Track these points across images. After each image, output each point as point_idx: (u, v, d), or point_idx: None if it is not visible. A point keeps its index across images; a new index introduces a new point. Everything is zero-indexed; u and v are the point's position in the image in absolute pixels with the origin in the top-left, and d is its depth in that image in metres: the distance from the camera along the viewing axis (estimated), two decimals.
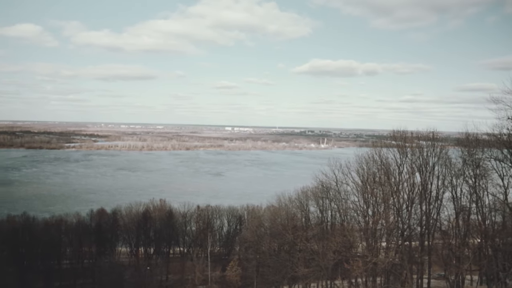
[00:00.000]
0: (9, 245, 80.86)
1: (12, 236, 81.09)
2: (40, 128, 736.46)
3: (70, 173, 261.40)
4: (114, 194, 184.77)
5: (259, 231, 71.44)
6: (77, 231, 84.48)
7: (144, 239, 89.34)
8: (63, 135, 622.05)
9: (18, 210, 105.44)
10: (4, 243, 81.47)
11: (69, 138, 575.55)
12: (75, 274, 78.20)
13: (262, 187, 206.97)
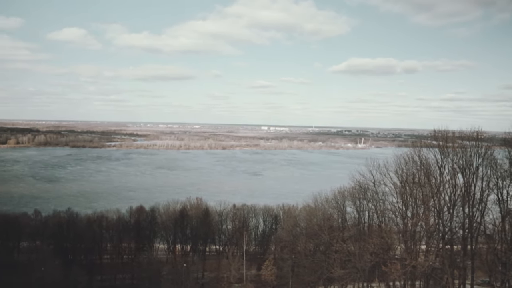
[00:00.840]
0: (55, 240, 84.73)
1: (57, 231, 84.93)
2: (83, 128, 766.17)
3: (111, 171, 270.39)
4: (153, 192, 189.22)
5: (295, 231, 71.02)
6: (117, 227, 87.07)
7: (181, 237, 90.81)
8: (105, 134, 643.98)
9: (63, 206, 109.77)
10: (50, 237, 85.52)
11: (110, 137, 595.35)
12: (115, 269, 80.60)
13: (298, 187, 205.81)
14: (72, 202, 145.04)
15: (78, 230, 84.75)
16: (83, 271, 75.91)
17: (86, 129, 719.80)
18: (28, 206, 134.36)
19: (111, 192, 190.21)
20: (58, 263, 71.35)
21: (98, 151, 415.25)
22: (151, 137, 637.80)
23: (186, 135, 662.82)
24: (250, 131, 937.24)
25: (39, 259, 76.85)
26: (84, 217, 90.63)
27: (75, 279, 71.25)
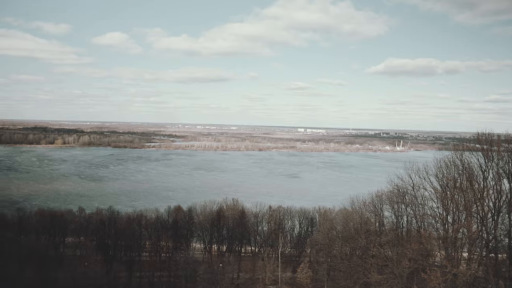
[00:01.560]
0: (97, 236, 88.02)
1: (99, 227, 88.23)
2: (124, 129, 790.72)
3: (151, 171, 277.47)
4: (191, 192, 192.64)
5: (331, 234, 70.28)
6: (156, 226, 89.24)
7: (217, 237, 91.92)
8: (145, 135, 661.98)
9: (106, 204, 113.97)
10: (93, 233, 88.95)
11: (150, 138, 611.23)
12: (154, 266, 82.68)
13: (335, 190, 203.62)
14: (114, 201, 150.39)
15: (119, 228, 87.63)
16: (123, 267, 78.58)
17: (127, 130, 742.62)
18: (73, 203, 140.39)
19: (151, 191, 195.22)
20: (100, 258, 74.24)
21: (138, 151, 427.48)
22: (189, 138, 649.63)
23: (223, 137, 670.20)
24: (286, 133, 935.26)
25: (82, 254, 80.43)
26: (125, 215, 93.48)
27: (115, 275, 73.87)
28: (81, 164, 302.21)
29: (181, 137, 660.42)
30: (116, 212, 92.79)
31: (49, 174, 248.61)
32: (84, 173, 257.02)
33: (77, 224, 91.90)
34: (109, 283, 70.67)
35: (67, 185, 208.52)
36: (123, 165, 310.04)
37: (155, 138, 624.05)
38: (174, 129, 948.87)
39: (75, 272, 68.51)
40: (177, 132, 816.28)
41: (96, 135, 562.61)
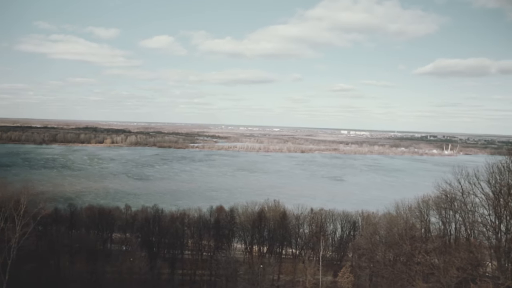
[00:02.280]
0: (142, 233, 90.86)
1: (144, 225, 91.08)
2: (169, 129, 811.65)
3: (195, 171, 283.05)
4: (233, 192, 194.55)
5: (374, 239, 68.57)
6: (198, 225, 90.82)
7: (258, 238, 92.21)
8: (189, 135, 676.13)
9: (151, 202, 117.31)
10: (138, 230, 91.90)
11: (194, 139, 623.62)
12: (195, 264, 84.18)
13: (379, 193, 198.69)
14: (159, 199, 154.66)
15: (163, 226, 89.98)
16: (166, 264, 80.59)
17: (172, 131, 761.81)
18: (121, 200, 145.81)
19: (194, 191, 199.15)
20: (144, 255, 76.45)
21: (182, 152, 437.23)
22: (232, 139, 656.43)
23: (265, 138, 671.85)
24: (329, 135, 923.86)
25: (128, 250, 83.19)
26: (168, 213, 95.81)
27: (158, 271, 75.83)
28: (129, 163, 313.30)
29: (224, 138, 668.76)
30: (160, 210, 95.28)
31: (99, 172, 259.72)
32: (131, 172, 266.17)
33: (123, 221, 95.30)
34: (152, 279, 72.65)
35: (115, 183, 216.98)
36: (168, 164, 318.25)
37: (198, 139, 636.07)
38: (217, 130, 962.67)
39: (121, 267, 70.96)
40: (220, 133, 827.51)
41: (142, 135, 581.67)
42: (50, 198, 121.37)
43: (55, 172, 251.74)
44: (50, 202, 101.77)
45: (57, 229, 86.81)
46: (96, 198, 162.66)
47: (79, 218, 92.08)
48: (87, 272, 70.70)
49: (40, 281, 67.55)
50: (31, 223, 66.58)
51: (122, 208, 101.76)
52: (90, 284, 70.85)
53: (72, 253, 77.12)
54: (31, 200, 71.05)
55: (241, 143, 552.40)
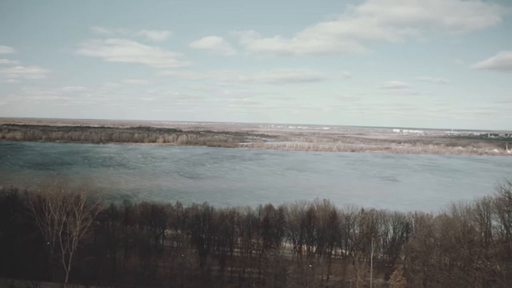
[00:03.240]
0: (193, 230, 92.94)
1: (195, 222, 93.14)
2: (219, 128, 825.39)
3: (245, 170, 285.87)
4: (283, 191, 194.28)
5: (428, 242, 65.81)
6: (247, 223, 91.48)
7: (307, 237, 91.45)
8: (238, 134, 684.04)
9: (202, 200, 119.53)
10: (189, 227, 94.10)
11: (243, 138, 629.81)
12: (244, 262, 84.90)
13: (434, 194, 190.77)
14: (209, 197, 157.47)
15: (213, 223, 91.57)
16: (215, 261, 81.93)
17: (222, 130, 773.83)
18: (173, 198, 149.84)
19: (244, 189, 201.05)
20: (195, 251, 78.25)
21: (232, 151, 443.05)
22: (281, 138, 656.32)
23: (315, 137, 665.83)
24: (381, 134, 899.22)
25: (179, 246, 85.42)
26: (218, 211, 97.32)
27: (208, 268, 77.27)
28: (180, 162, 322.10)
29: (273, 137, 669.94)
30: (210, 208, 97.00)
31: (152, 170, 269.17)
32: (183, 170, 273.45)
33: (175, 217, 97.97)
34: (203, 275, 74.17)
35: (168, 181, 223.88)
36: (218, 163, 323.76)
37: (247, 138, 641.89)
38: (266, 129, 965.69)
39: (172, 262, 73.04)
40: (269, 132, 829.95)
41: (193, 134, 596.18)
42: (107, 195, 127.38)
43: (111, 170, 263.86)
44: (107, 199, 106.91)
45: (113, 224, 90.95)
46: (150, 196, 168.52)
47: (133, 214, 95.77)
48: (141, 266, 73.37)
49: (97, 273, 71.07)
50: (90, 218, 70.29)
51: (173, 205, 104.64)
52: (143, 278, 73.53)
53: (126, 248, 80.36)
54: (90, 197, 75.05)
55: (290, 142, 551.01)
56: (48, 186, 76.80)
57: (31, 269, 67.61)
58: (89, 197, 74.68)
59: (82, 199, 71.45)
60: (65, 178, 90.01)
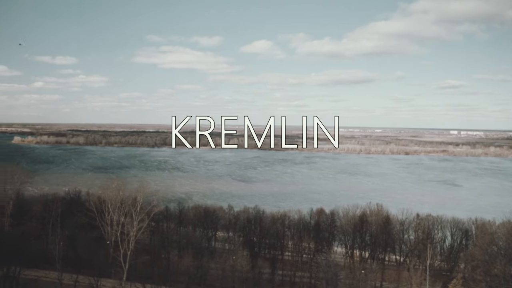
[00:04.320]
0: (244, 232, 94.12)
1: (246, 225, 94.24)
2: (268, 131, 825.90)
3: (296, 173, 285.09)
4: (335, 195, 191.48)
5: (491, 250, 62.28)
6: (298, 227, 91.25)
7: (360, 242, 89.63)
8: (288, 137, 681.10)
9: (253, 203, 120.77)
10: (240, 230, 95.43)
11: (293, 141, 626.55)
12: (295, 266, 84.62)
13: (497, 200, 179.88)
14: (261, 200, 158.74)
15: (264, 226, 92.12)
16: (266, 264, 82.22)
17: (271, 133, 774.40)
18: (225, 201, 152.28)
19: (296, 193, 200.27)
20: (246, 254, 79.09)
21: (282, 154, 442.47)
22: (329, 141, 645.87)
23: (367, 139, 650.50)
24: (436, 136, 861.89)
25: (231, 248, 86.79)
26: (269, 214, 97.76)
27: (259, 271, 77.68)
28: (232, 165, 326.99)
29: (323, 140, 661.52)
30: (261, 211, 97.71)
31: (205, 173, 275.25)
32: (234, 173, 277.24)
33: (226, 220, 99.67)
34: (254, 277, 74.73)
35: (220, 184, 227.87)
36: (269, 166, 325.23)
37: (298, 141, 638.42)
38: None
39: (224, 264, 74.27)
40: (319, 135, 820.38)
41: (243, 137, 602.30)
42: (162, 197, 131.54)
43: (166, 173, 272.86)
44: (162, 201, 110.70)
45: (168, 225, 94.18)
46: (203, 198, 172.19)
47: (186, 216, 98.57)
48: (194, 267, 75.15)
49: (153, 272, 73.78)
50: (146, 219, 73.31)
51: (225, 208, 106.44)
52: (196, 279, 75.30)
53: (180, 249, 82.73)
54: (146, 199, 78.24)
55: (341, 145, 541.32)
56: (108, 188, 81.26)
57: (93, 266, 71.48)
58: (145, 199, 77.90)
59: (139, 201, 74.65)
60: (123, 181, 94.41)
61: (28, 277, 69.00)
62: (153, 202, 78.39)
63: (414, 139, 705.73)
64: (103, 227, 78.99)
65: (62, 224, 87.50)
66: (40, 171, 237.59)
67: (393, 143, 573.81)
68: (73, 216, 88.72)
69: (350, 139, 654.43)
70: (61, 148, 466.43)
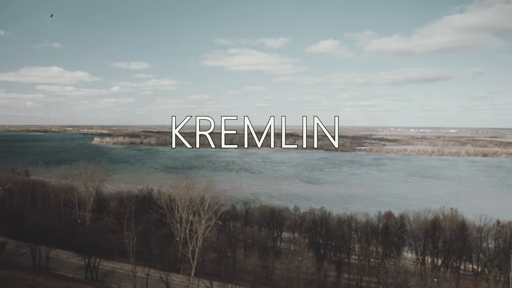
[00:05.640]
0: (310, 234, 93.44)
1: (312, 226, 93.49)
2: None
3: (365, 175, 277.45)
4: (406, 198, 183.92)
5: None
6: (366, 230, 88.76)
7: (432, 249, 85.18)
8: (355, 139, 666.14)
9: (320, 204, 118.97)
10: (306, 231, 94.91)
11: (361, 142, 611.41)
12: (362, 270, 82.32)
13: None
14: (328, 202, 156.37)
15: (330, 228, 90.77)
16: (332, 267, 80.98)
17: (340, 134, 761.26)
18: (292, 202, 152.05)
19: (365, 195, 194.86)
20: (311, 255, 78.35)
21: (349, 155, 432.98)
22: (401, 142, 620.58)
23: (439, 140, 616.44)
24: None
25: (296, 249, 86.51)
26: (336, 216, 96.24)
27: (325, 273, 76.62)
28: (298, 166, 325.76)
29: (393, 141, 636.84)
30: (327, 213, 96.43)
31: (272, 174, 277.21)
32: (301, 174, 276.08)
33: (292, 221, 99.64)
34: (319, 280, 73.83)
35: (287, 185, 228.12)
36: (336, 168, 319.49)
37: (365, 142, 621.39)
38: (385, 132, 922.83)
39: (289, 265, 74.16)
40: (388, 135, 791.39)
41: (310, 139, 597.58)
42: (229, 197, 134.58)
43: (234, 173, 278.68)
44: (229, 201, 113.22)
45: (234, 225, 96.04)
46: (270, 199, 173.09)
47: (252, 216, 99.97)
48: (259, 266, 75.97)
49: (219, 270, 75.64)
50: (213, 217, 75.39)
51: (291, 209, 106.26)
52: (261, 278, 76.08)
53: (246, 248, 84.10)
54: (214, 198, 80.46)
55: (412, 146, 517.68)
56: (178, 187, 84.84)
57: (163, 261, 74.92)
58: (213, 199, 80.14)
59: (207, 200, 76.98)
60: (192, 180, 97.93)
61: (106, 268, 73.94)
62: (220, 202, 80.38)
63: (493, 139, 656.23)
64: (173, 224, 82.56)
65: (136, 220, 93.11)
66: (117, 170, 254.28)
67: (469, 144, 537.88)
68: (145, 213, 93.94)
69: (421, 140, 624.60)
70: (135, 148, 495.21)
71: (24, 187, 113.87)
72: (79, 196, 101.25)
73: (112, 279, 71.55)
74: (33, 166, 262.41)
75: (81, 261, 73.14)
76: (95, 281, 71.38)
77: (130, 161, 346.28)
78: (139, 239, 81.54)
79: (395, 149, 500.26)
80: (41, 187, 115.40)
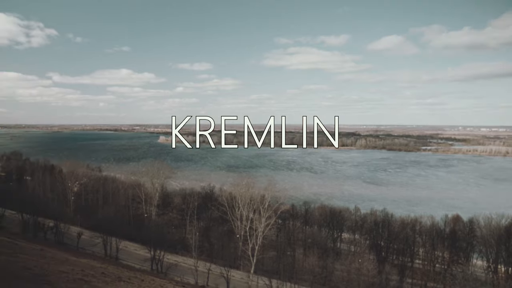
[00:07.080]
0: (371, 236, 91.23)
1: (373, 228, 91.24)
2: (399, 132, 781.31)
3: (431, 177, 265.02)
4: (477, 202, 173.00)
5: None
6: (431, 234, 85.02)
7: (505, 257, 79.46)
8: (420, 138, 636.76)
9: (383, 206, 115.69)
10: (367, 233, 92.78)
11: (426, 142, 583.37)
12: (427, 276, 78.98)
13: None
14: (392, 204, 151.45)
15: (392, 230, 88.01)
16: (394, 271, 78.44)
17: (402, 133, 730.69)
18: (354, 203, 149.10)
19: (431, 198, 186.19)
20: (372, 258, 76.60)
21: (414, 155, 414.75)
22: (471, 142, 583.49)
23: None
24: None
25: (356, 251, 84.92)
26: (399, 218, 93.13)
27: (387, 277, 74.54)
28: (360, 166, 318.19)
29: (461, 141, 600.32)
30: (390, 214, 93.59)
31: (334, 174, 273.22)
32: (364, 175, 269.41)
33: (352, 221, 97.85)
34: (380, 283, 72.03)
35: (349, 185, 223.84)
36: (401, 168, 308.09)
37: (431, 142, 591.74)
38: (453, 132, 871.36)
39: (349, 267, 72.99)
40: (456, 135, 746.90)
41: (371, 138, 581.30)
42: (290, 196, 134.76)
43: (294, 172, 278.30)
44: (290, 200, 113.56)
45: (294, 224, 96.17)
46: (332, 199, 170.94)
47: (312, 216, 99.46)
48: (318, 266, 75.56)
49: (278, 268, 76.30)
50: (273, 216, 76.21)
51: (351, 209, 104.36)
52: (321, 279, 75.58)
53: (305, 247, 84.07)
54: (274, 196, 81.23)
55: (483, 146, 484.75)
56: (238, 185, 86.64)
57: (224, 257, 76.96)
58: (273, 197, 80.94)
59: (267, 198, 77.94)
60: (253, 179, 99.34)
61: (170, 261, 77.37)
62: (280, 200, 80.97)
63: None
64: (233, 221, 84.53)
65: (198, 216, 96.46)
66: (181, 168, 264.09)
67: None
68: (207, 210, 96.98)
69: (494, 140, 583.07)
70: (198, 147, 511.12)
71: (97, 183, 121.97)
72: (145, 192, 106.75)
73: (175, 272, 74.75)
74: (105, 162, 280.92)
75: (147, 253, 77.15)
76: (160, 273, 75.03)
77: (193, 159, 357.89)
78: (201, 235, 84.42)
79: (464, 149, 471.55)
80: (111, 182, 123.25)
